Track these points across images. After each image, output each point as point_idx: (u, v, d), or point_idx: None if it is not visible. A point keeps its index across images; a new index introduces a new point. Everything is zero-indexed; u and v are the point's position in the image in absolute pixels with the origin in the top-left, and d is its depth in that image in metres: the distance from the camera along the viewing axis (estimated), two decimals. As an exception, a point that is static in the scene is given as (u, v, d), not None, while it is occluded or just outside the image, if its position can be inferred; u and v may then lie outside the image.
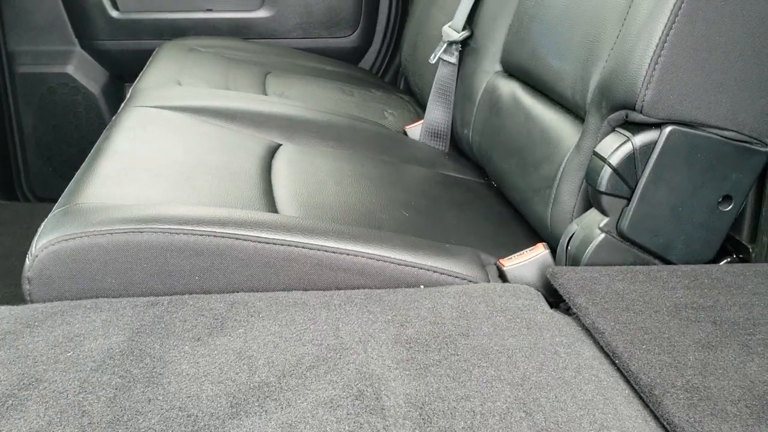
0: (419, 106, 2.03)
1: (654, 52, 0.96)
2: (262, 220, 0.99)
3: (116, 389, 0.76)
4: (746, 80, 0.99)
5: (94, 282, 0.94)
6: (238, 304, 0.92)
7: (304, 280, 0.97)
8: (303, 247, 0.97)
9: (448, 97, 1.68)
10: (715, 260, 1.13)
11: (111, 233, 0.94)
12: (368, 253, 1.00)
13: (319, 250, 0.98)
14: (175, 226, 0.95)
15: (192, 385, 0.77)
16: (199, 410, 0.74)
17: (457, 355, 0.84)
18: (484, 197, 1.49)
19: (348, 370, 0.80)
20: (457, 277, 1.03)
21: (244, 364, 0.81)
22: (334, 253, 0.98)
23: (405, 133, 1.78)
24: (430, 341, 0.86)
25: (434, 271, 1.02)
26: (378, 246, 1.01)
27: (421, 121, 1.75)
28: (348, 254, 0.98)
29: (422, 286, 1.01)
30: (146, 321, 0.88)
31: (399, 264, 1.01)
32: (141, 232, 0.94)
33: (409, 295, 0.96)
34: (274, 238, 0.97)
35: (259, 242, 0.96)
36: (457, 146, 1.72)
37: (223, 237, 0.96)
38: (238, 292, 0.96)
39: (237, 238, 0.96)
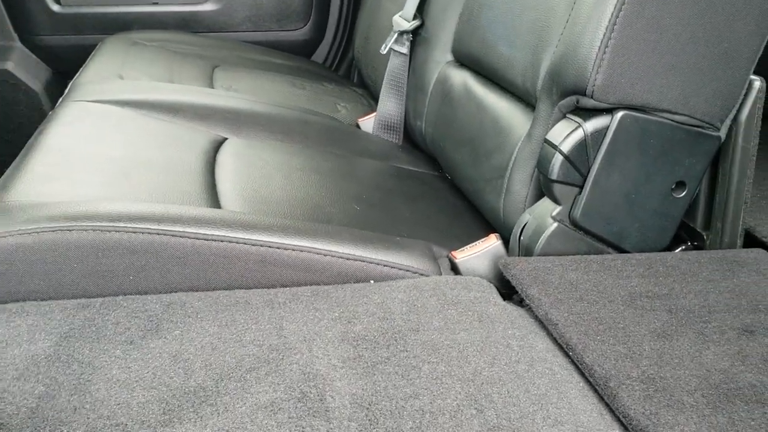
0: (373, 98, 1.99)
1: (604, 35, 0.93)
2: (201, 216, 0.94)
3: (39, 398, 0.71)
4: (697, 63, 0.97)
5: (20, 284, 0.88)
6: (175, 304, 0.87)
7: (246, 277, 0.93)
8: (245, 243, 0.92)
9: (401, 89, 1.64)
10: (670, 248, 1.11)
11: (37, 232, 0.88)
12: (315, 248, 0.95)
13: (262, 246, 0.93)
14: (107, 224, 0.89)
15: (122, 392, 0.72)
16: (129, 418, 0.69)
17: (407, 351, 0.80)
18: (437, 189, 1.46)
19: (291, 370, 0.76)
20: (407, 270, 0.99)
21: (179, 367, 0.76)
22: (278, 248, 0.93)
23: (358, 126, 1.74)
24: (379, 338, 0.83)
25: (384, 265, 0.98)
26: (325, 240, 0.97)
27: (374, 114, 1.71)
28: (293, 250, 0.94)
29: (372, 281, 0.97)
30: (76, 325, 0.83)
31: (347, 258, 0.96)
32: (70, 231, 0.88)
33: (358, 290, 0.93)
34: (213, 235, 0.92)
35: (197, 239, 0.91)
36: (411, 138, 1.69)
37: (158, 234, 0.90)
38: (175, 292, 0.91)
39: (173, 235, 0.90)
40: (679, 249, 1.12)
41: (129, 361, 0.77)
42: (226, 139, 1.40)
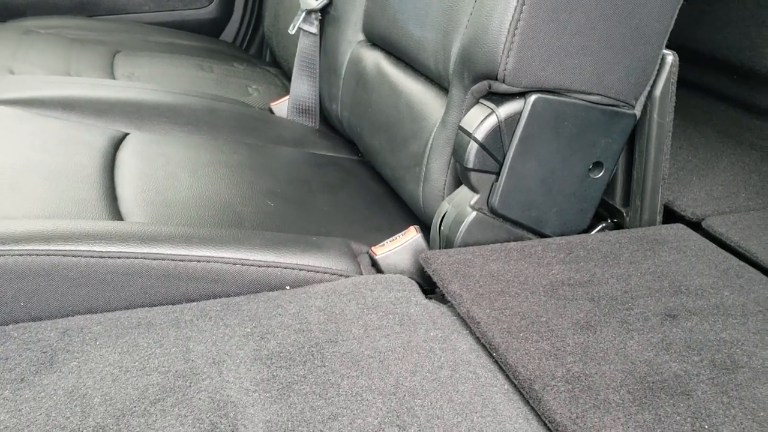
0: (287, 78, 1.91)
1: (513, 17, 0.90)
2: (94, 231, 0.87)
3: None
4: (609, 41, 0.94)
5: None
6: (72, 330, 0.80)
7: (149, 294, 0.86)
8: (144, 258, 0.86)
9: (313, 70, 1.57)
10: (591, 226, 1.10)
11: None
12: (223, 258, 0.89)
13: (164, 259, 0.86)
14: (-12, 248, 0.81)
15: (11, 441, 0.66)
16: (18, 473, 0.62)
17: (325, 366, 0.76)
18: (358, 176, 1.41)
19: (199, 399, 0.71)
20: (325, 272, 0.94)
21: (76, 405, 0.70)
22: (181, 261, 0.87)
23: (271, 111, 1.67)
24: (295, 353, 0.78)
25: (300, 269, 0.93)
26: (234, 248, 0.91)
27: (287, 97, 1.64)
28: (199, 261, 0.88)
29: (288, 287, 0.92)
30: (-43, 364, 0.75)
31: (259, 266, 0.91)
32: (-55, 259, 0.80)
33: (272, 300, 0.87)
34: (109, 251, 0.85)
35: (92, 257, 0.84)
36: (329, 122, 1.63)
37: (48, 255, 0.83)
38: (72, 315, 0.84)
39: (65, 255, 0.83)
40: (600, 227, 1.11)
41: (19, 402, 0.70)
42: (127, 134, 1.31)
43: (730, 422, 0.69)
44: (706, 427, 0.68)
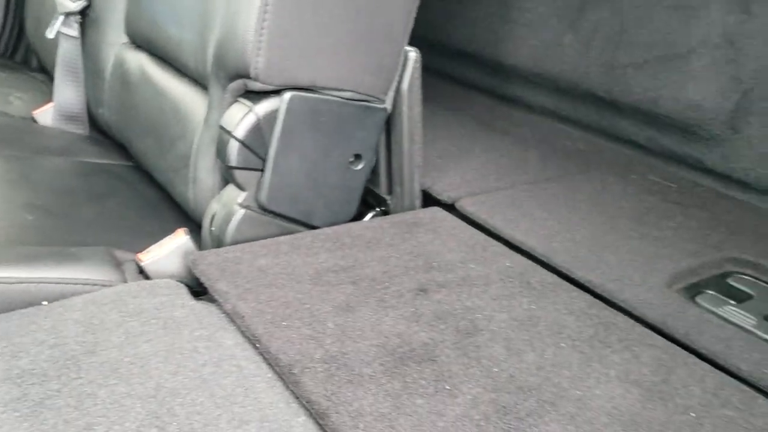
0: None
1: (258, 18, 0.92)
2: None
3: None
4: (354, 40, 1.00)
5: None
6: None
7: None
8: None
9: (77, 75, 1.51)
10: (361, 215, 1.16)
11: None
12: (-34, 277, 0.84)
13: None
14: None
15: None
16: None
17: (81, 378, 0.74)
18: (130, 182, 1.37)
19: (-63, 429, 0.66)
20: (86, 284, 0.91)
21: None
22: None
23: (34, 120, 1.57)
24: (49, 369, 0.75)
25: (57, 283, 0.89)
26: (-21, 266, 0.85)
27: (52, 104, 1.55)
28: (-63, 283, 0.82)
29: (45, 302, 0.88)
30: None
31: (11, 282, 0.86)
32: None
33: (26, 317, 0.83)
34: None
35: None
36: (98, 127, 1.56)
37: None
38: None
39: None
40: (369, 216, 1.18)
41: None
42: None
43: (468, 380, 0.76)
44: (447, 387, 0.75)
